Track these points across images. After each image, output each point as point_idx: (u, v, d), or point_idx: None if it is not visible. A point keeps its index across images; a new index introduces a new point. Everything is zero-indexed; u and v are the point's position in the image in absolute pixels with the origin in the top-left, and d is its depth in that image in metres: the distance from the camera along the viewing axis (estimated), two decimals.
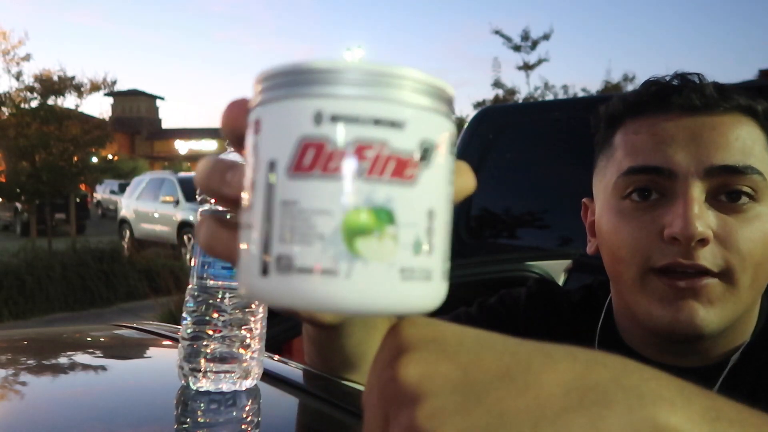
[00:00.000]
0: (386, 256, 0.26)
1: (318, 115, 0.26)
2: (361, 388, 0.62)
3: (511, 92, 15.67)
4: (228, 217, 0.33)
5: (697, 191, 0.66)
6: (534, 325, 0.81)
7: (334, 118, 0.26)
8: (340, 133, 0.26)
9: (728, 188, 0.66)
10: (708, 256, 0.65)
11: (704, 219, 0.65)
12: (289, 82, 0.27)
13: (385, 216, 0.26)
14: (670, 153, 0.68)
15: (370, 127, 0.26)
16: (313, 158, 0.26)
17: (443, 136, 0.28)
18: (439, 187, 0.28)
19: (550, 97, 15.08)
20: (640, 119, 0.72)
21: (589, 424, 0.26)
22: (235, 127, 0.31)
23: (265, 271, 0.27)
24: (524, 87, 21.70)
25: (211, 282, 0.60)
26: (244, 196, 0.29)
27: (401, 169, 0.26)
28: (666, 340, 0.71)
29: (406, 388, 0.27)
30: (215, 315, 0.59)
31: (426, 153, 0.27)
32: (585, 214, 0.83)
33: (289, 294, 0.26)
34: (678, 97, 0.69)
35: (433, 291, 0.28)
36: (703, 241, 0.65)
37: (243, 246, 0.29)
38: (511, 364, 0.27)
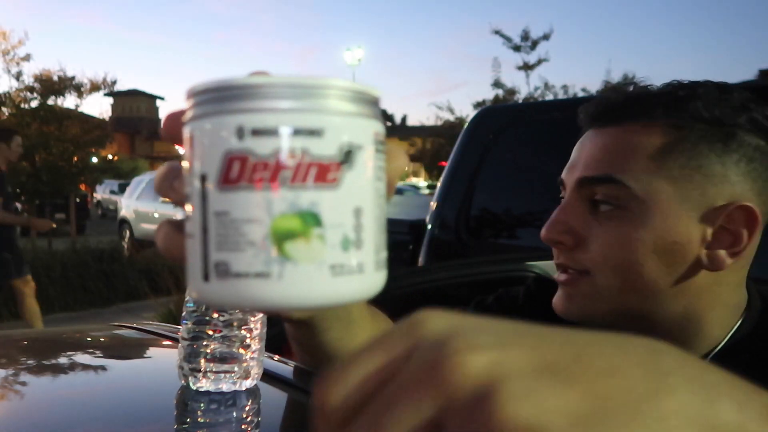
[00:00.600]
0: (315, 257, 0.28)
1: (240, 129, 0.28)
2: None
3: (511, 92, 15.66)
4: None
5: (573, 198, 0.74)
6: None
7: (255, 132, 0.28)
8: (261, 146, 0.28)
9: (593, 198, 0.72)
10: (568, 256, 0.73)
11: (564, 224, 0.73)
12: (214, 98, 0.29)
13: (311, 219, 0.28)
14: (570, 166, 0.76)
15: (289, 137, 0.28)
16: (239, 171, 0.28)
17: (367, 136, 0.30)
18: (364, 186, 0.29)
19: (550, 97, 15.07)
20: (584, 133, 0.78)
21: (678, 408, 0.24)
22: (173, 138, 0.33)
23: (206, 276, 0.29)
24: (524, 87, 21.71)
25: None
26: (186, 206, 0.31)
27: (323, 173, 0.28)
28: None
29: (473, 380, 0.23)
30: (215, 315, 0.59)
31: (348, 156, 0.29)
32: None
33: (229, 296, 0.29)
34: (595, 111, 0.75)
35: (368, 282, 0.30)
36: (560, 244, 0.73)
37: (188, 253, 0.31)
38: (579, 347, 0.25)
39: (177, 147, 0.34)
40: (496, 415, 0.22)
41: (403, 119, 65.12)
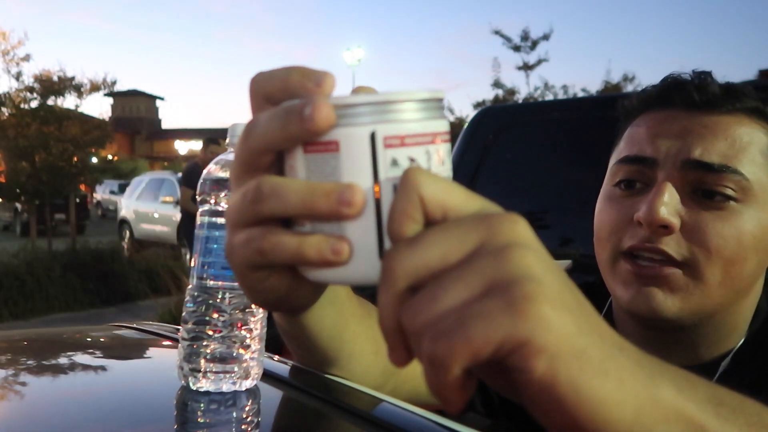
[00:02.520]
0: None
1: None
2: (361, 388, 0.62)
3: (511, 92, 15.67)
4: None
5: (672, 181, 0.68)
6: None
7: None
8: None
9: (704, 186, 0.68)
10: (672, 244, 0.67)
11: (672, 207, 0.67)
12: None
13: None
14: (658, 144, 0.70)
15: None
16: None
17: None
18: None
19: (549, 97, 15.07)
20: (647, 114, 0.75)
21: (632, 375, 0.31)
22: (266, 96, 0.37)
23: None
24: (524, 87, 21.71)
25: (211, 282, 0.60)
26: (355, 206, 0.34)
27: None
28: (643, 327, 0.73)
29: (525, 269, 0.29)
30: (215, 315, 0.59)
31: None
32: None
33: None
34: (679, 94, 0.72)
35: None
36: (667, 229, 0.67)
37: (358, 241, 0.34)
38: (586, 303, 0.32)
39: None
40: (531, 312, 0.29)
41: None
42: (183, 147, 57.60)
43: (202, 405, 0.58)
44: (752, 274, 0.70)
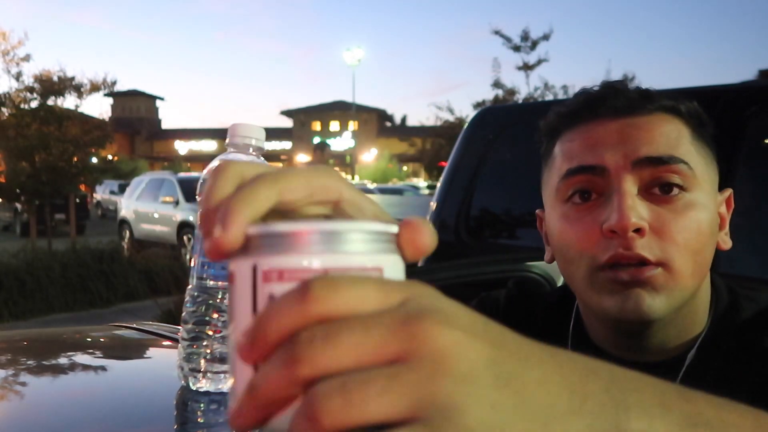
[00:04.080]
0: None
1: None
2: None
3: (511, 92, 15.67)
4: None
5: (629, 185, 0.70)
6: (512, 327, 0.81)
7: None
8: None
9: (659, 180, 0.70)
10: (646, 246, 0.69)
11: (638, 210, 0.69)
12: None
13: None
14: (600, 152, 0.72)
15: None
16: None
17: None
18: None
19: (550, 97, 15.07)
20: (574, 128, 0.77)
21: (586, 428, 0.27)
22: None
23: None
24: (524, 87, 21.67)
25: (211, 282, 0.60)
26: None
27: None
28: (622, 334, 0.74)
29: (435, 350, 0.25)
30: (215, 315, 0.59)
31: None
32: (540, 225, 0.87)
33: None
34: (604, 104, 0.74)
35: None
36: (640, 231, 0.68)
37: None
38: (530, 354, 0.28)
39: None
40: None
41: (403, 119, 65.03)
42: (183, 147, 57.58)
43: (202, 405, 0.58)
44: (710, 259, 0.73)
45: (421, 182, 32.53)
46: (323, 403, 0.24)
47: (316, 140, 6.84)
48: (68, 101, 10.56)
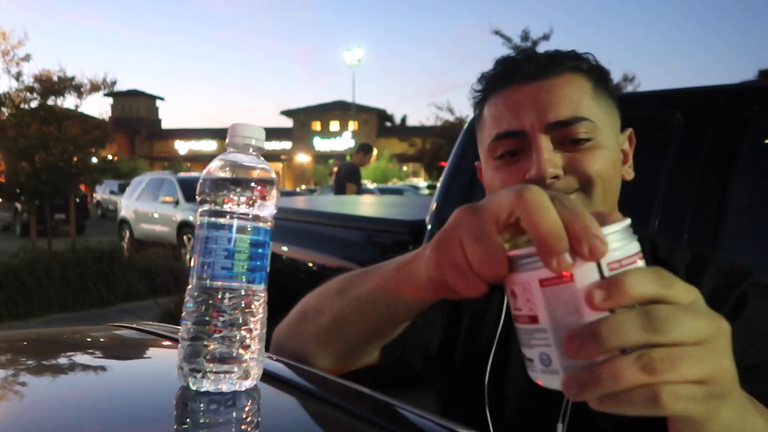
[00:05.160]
0: None
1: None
2: (361, 388, 0.62)
3: None
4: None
5: (545, 142, 0.85)
6: None
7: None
8: None
9: (568, 137, 0.85)
10: (563, 186, 0.84)
11: (553, 161, 0.84)
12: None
13: None
14: (520, 117, 0.86)
15: None
16: None
17: None
18: None
19: None
20: (497, 93, 0.91)
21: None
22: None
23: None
24: None
25: (211, 282, 0.60)
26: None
27: None
28: None
29: (725, 341, 0.45)
30: (215, 315, 0.59)
31: None
32: (480, 175, 1.00)
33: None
34: (518, 70, 0.88)
35: None
36: (557, 177, 0.84)
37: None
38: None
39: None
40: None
41: (403, 119, 65.03)
42: (183, 147, 57.55)
43: (202, 405, 0.58)
44: (617, 188, 0.89)
45: (421, 182, 32.51)
46: (656, 362, 0.41)
47: (354, 144, 7.27)
48: (68, 101, 10.55)
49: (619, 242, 0.44)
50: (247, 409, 0.59)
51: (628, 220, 0.46)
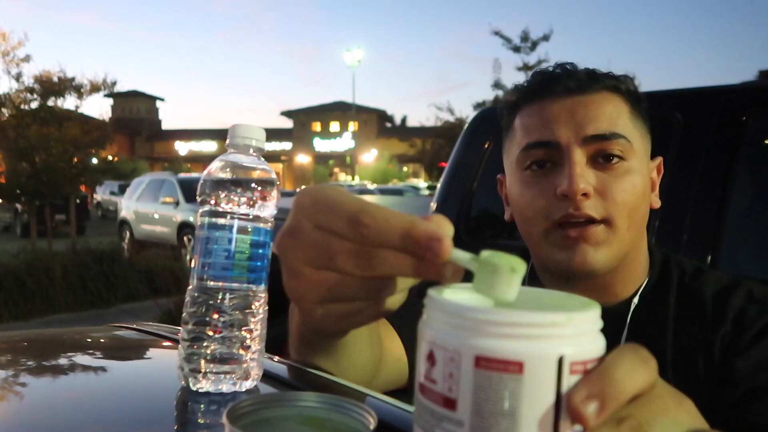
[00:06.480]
0: None
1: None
2: (361, 388, 0.62)
3: None
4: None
5: (579, 156, 0.84)
6: None
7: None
8: None
9: (602, 152, 0.84)
10: (592, 207, 0.83)
11: (585, 177, 0.83)
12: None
13: None
14: (554, 129, 0.85)
15: None
16: None
17: None
18: None
19: None
20: (532, 104, 0.89)
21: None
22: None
23: None
24: None
25: (212, 283, 0.60)
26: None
27: None
28: (573, 284, 0.87)
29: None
30: (215, 316, 0.59)
31: None
32: (501, 188, 1.01)
33: None
34: (558, 84, 0.87)
35: None
36: (586, 195, 0.83)
37: None
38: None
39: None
40: None
41: (403, 120, 65.02)
42: (183, 148, 57.56)
43: (202, 405, 0.58)
44: (645, 216, 0.88)
45: (421, 183, 32.52)
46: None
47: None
48: (68, 102, 10.57)
49: (583, 331, 0.34)
50: None
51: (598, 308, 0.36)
